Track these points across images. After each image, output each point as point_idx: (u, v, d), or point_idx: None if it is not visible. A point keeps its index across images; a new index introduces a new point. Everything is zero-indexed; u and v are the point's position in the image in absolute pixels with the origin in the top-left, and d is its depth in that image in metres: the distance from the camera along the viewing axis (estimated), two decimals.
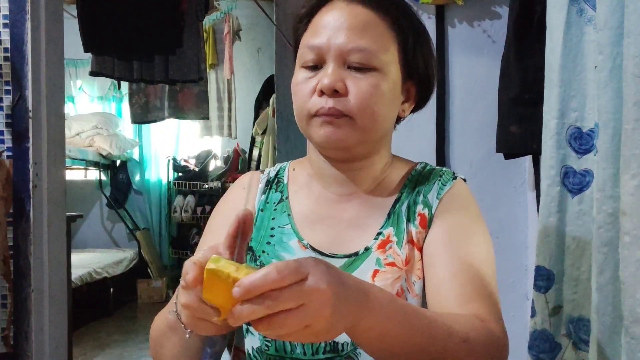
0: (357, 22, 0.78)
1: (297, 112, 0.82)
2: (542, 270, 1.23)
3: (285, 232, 0.85)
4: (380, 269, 0.79)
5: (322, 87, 0.77)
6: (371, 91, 0.77)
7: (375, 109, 0.78)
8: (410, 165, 0.92)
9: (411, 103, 0.87)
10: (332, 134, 0.78)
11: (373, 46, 0.78)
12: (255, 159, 3.68)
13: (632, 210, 0.88)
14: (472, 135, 1.87)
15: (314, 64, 0.80)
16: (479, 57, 1.86)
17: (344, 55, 0.78)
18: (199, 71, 3.22)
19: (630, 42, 0.88)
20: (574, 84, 1.17)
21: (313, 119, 0.79)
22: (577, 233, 1.17)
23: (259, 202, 0.90)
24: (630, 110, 0.88)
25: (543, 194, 1.22)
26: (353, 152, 0.82)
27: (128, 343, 3.60)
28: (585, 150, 1.16)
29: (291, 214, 0.87)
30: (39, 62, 1.79)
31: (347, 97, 0.77)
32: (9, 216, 1.72)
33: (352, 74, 0.78)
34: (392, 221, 0.83)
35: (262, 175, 0.94)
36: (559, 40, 1.17)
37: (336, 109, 0.76)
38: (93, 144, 4.53)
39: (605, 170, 0.97)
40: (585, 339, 1.16)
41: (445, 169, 0.89)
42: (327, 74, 0.77)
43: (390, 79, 0.80)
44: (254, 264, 0.83)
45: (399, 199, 0.86)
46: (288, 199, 0.89)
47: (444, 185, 0.85)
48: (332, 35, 0.78)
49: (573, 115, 1.17)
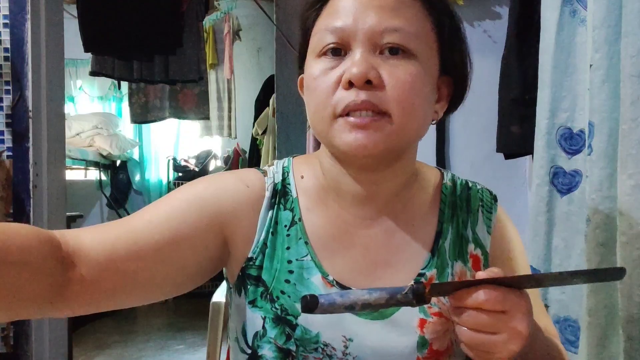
0: (387, 3, 0.64)
1: (317, 112, 0.66)
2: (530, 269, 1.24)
3: (305, 265, 0.70)
4: (427, 319, 0.69)
5: (351, 77, 0.62)
6: (411, 81, 0.63)
7: (416, 105, 0.64)
8: (435, 176, 0.79)
9: (444, 104, 0.73)
10: (366, 140, 0.62)
11: (409, 27, 0.64)
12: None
13: (628, 210, 0.88)
14: (472, 135, 1.87)
15: (336, 49, 0.65)
16: (479, 57, 1.86)
17: (375, 37, 0.63)
18: (199, 71, 3.23)
19: (627, 42, 0.88)
20: (565, 84, 1.17)
21: (338, 120, 0.64)
22: (565, 233, 1.18)
23: (264, 219, 0.72)
24: (627, 110, 0.88)
25: (533, 194, 1.22)
26: (381, 159, 0.67)
27: (128, 343, 3.60)
28: (575, 151, 1.16)
29: (309, 242, 0.71)
30: (39, 62, 1.80)
31: (384, 90, 0.63)
32: (9, 216, 1.73)
33: (387, 61, 0.63)
34: (437, 262, 0.72)
35: (267, 180, 0.74)
36: (551, 41, 1.17)
37: (371, 102, 0.62)
38: (93, 144, 4.53)
39: (601, 170, 0.97)
40: (571, 340, 1.16)
41: (481, 188, 0.80)
42: (355, 61, 0.63)
43: (428, 70, 0.66)
44: (270, 305, 0.70)
45: (441, 232, 0.74)
46: (301, 220, 0.72)
47: (489, 213, 0.77)
48: (359, 16, 0.64)
49: (563, 116, 1.17)
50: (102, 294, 0.62)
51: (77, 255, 0.60)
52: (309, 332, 0.68)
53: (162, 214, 0.67)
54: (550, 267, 1.20)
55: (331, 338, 0.68)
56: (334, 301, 0.55)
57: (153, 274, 0.65)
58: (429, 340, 0.69)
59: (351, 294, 0.56)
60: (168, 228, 0.66)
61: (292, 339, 0.68)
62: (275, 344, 0.69)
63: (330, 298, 0.56)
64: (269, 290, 0.70)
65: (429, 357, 0.69)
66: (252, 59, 4.87)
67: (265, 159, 3.17)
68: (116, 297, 0.64)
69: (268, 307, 0.70)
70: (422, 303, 0.57)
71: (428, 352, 0.69)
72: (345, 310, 0.56)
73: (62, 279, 0.58)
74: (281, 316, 0.69)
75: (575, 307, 1.14)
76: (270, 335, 0.69)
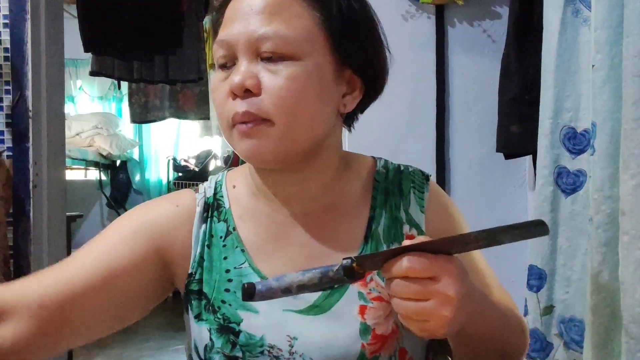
0: (265, 5, 0.65)
1: (219, 122, 0.69)
2: (534, 269, 1.23)
3: (244, 272, 0.72)
4: (367, 304, 0.70)
5: (231, 88, 0.64)
6: (288, 85, 0.63)
7: (297, 106, 0.64)
8: (367, 165, 0.79)
9: (357, 95, 0.72)
10: (253, 148, 0.65)
11: (286, 30, 0.64)
12: None
13: (631, 210, 0.88)
14: (472, 135, 1.87)
15: (226, 62, 0.67)
16: (479, 57, 1.86)
17: (253, 45, 0.64)
18: (199, 71, 3.22)
19: (629, 42, 0.88)
20: (569, 84, 1.17)
21: (233, 129, 0.66)
22: (569, 233, 1.17)
23: (197, 234, 0.74)
24: (629, 110, 0.88)
25: (536, 194, 1.22)
26: (285, 163, 0.68)
27: (128, 343, 3.60)
28: (579, 151, 1.16)
29: (245, 249, 0.73)
30: (39, 62, 1.80)
31: (261, 96, 0.64)
32: (9, 216, 1.72)
33: (266, 67, 0.64)
34: (371, 247, 0.73)
35: (198, 195, 0.77)
36: (554, 41, 1.17)
37: (250, 112, 0.63)
38: (93, 144, 4.53)
39: (603, 170, 0.97)
40: (577, 339, 1.16)
41: (412, 169, 0.80)
42: (237, 71, 0.65)
43: (314, 68, 0.65)
44: (213, 316, 0.71)
45: (373, 217, 0.75)
46: (236, 229, 0.74)
47: (421, 193, 0.77)
48: (240, 25, 0.65)
49: (567, 116, 1.17)
50: (44, 339, 0.66)
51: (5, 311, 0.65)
52: (253, 337, 0.69)
53: (94, 252, 0.70)
54: (555, 268, 1.20)
55: (276, 339, 0.69)
56: (270, 286, 0.58)
57: (93, 315, 0.69)
58: (371, 325, 0.69)
59: (286, 277, 0.58)
60: (101, 266, 0.69)
61: (238, 345, 0.69)
62: (223, 353, 0.70)
63: (266, 283, 0.58)
64: (210, 302, 0.72)
65: (374, 343, 0.69)
66: None
67: None
68: (62, 341, 0.68)
69: (211, 318, 0.71)
70: (355, 279, 0.58)
71: (372, 337, 0.69)
72: (282, 294, 0.58)
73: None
74: (224, 325, 0.70)
75: (580, 307, 1.14)
76: (217, 346, 0.70)
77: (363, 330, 0.69)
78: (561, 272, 1.19)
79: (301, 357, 0.68)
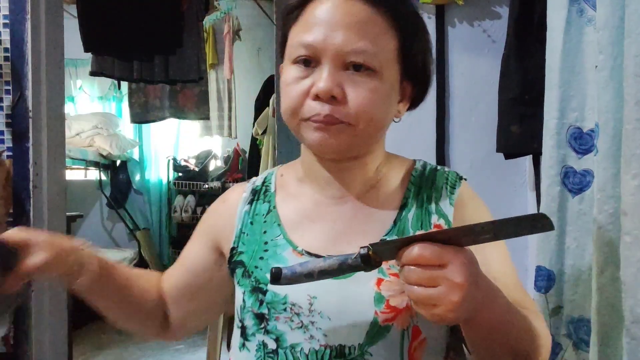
0: (355, 21, 0.72)
1: (287, 113, 0.77)
2: (542, 270, 1.23)
3: (279, 243, 0.81)
4: (384, 277, 0.75)
5: (318, 92, 0.72)
6: (370, 97, 0.73)
7: (374, 114, 0.74)
8: (407, 164, 0.87)
9: (406, 102, 0.82)
10: (327, 140, 0.73)
11: (373, 48, 0.72)
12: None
13: (633, 210, 0.88)
14: (472, 135, 1.87)
15: (307, 59, 0.74)
16: (479, 57, 1.86)
17: (341, 57, 0.72)
18: (199, 71, 3.23)
19: (630, 42, 0.88)
20: (574, 84, 1.16)
21: (306, 122, 0.74)
22: (577, 233, 1.17)
23: (242, 213, 0.87)
24: (631, 110, 0.88)
25: (543, 194, 1.22)
26: (347, 154, 0.79)
27: (128, 343, 3.60)
28: (585, 150, 1.16)
29: (281, 224, 0.83)
30: (39, 62, 1.80)
31: (346, 105, 0.72)
32: (9, 216, 1.72)
33: (351, 77, 0.73)
34: (398, 229, 0.79)
35: (248, 185, 0.91)
36: (559, 41, 1.17)
37: (334, 117, 0.72)
38: (93, 144, 4.53)
39: (605, 170, 0.97)
40: (586, 340, 1.16)
41: (448, 170, 0.86)
42: (323, 77, 0.72)
43: (388, 81, 0.75)
44: (247, 280, 0.81)
45: (405, 205, 0.81)
46: (276, 208, 0.85)
47: (452, 188, 0.83)
48: (329, 34, 0.72)
49: (573, 115, 1.17)
50: (180, 321, 0.94)
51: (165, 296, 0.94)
52: (277, 295, 0.78)
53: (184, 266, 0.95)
54: (563, 268, 1.19)
55: (297, 298, 0.76)
56: (294, 271, 0.64)
57: (209, 305, 0.95)
58: (385, 296, 0.74)
59: (309, 263, 0.65)
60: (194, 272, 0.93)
61: (264, 303, 0.79)
62: (252, 311, 0.80)
63: (292, 268, 0.65)
64: (246, 269, 0.82)
65: (387, 312, 0.74)
66: (252, 59, 4.86)
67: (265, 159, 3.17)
68: (188, 323, 0.95)
69: (246, 282, 0.82)
70: (372, 267, 0.62)
71: (385, 306, 0.74)
72: (305, 278, 0.64)
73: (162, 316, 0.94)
74: (255, 286, 0.80)
75: (588, 307, 1.14)
76: (248, 305, 0.81)
77: (377, 298, 0.74)
78: (570, 272, 1.18)
79: (319, 314, 0.75)
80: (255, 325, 0.79)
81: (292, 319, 0.76)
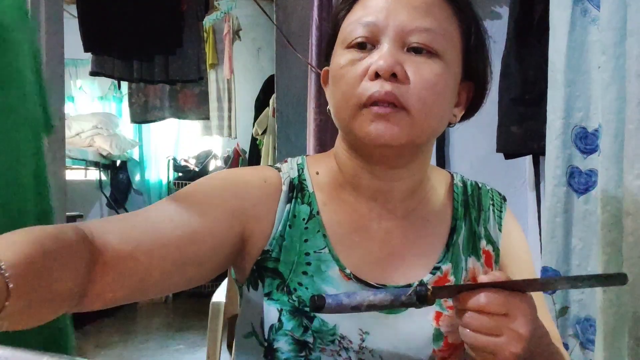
0: (421, 2, 0.66)
1: (342, 101, 0.67)
2: (548, 271, 1.22)
3: (323, 257, 0.71)
4: (443, 312, 0.70)
5: (377, 68, 0.63)
6: (434, 81, 0.65)
7: (436, 104, 0.66)
8: (447, 178, 0.81)
9: (462, 109, 0.74)
10: (386, 131, 0.64)
11: (438, 28, 0.66)
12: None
13: (636, 210, 0.88)
14: (472, 135, 1.87)
15: (364, 42, 0.66)
16: None
17: (404, 35, 0.65)
18: (199, 71, 3.23)
19: (633, 42, 0.88)
20: (579, 84, 1.16)
21: (362, 110, 0.65)
22: (583, 233, 1.17)
23: (282, 212, 0.73)
24: (633, 110, 0.88)
25: (549, 194, 1.21)
26: (398, 153, 0.69)
27: (128, 343, 3.60)
28: (590, 150, 1.16)
29: (327, 235, 0.72)
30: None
31: (408, 85, 0.64)
32: None
33: (412, 58, 0.65)
34: (452, 256, 0.74)
35: (283, 175, 0.75)
36: (563, 40, 1.17)
37: (394, 94, 0.63)
38: (93, 144, 4.53)
39: (608, 170, 0.97)
40: (592, 340, 1.16)
41: (489, 188, 0.83)
42: (382, 54, 0.64)
43: (452, 72, 0.67)
44: (287, 297, 0.70)
45: (455, 228, 0.76)
46: (319, 214, 0.73)
47: (499, 211, 0.80)
48: (391, 12, 0.66)
49: (578, 115, 1.17)
50: (122, 286, 0.59)
51: (104, 250, 0.57)
52: (327, 324, 0.69)
53: (183, 211, 0.66)
54: (569, 269, 1.19)
55: (348, 331, 0.69)
56: (340, 302, 0.58)
57: (171, 271, 0.63)
58: (445, 333, 0.70)
59: (357, 295, 0.58)
60: (189, 225, 0.65)
61: (310, 330, 0.69)
62: (292, 336, 0.69)
63: (337, 298, 0.58)
64: (285, 282, 0.70)
65: (444, 350, 0.70)
66: (252, 59, 4.87)
67: (265, 159, 3.17)
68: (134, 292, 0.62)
69: (285, 299, 0.70)
70: (425, 305, 0.59)
71: (444, 344, 0.70)
72: (351, 310, 0.58)
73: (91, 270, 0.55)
74: (299, 308, 0.69)
75: (595, 307, 1.14)
76: (286, 328, 0.69)
77: (436, 336, 0.70)
78: (576, 273, 1.18)
79: (370, 352, 0.69)
80: (294, 352, 0.70)
81: (340, 353, 0.69)
